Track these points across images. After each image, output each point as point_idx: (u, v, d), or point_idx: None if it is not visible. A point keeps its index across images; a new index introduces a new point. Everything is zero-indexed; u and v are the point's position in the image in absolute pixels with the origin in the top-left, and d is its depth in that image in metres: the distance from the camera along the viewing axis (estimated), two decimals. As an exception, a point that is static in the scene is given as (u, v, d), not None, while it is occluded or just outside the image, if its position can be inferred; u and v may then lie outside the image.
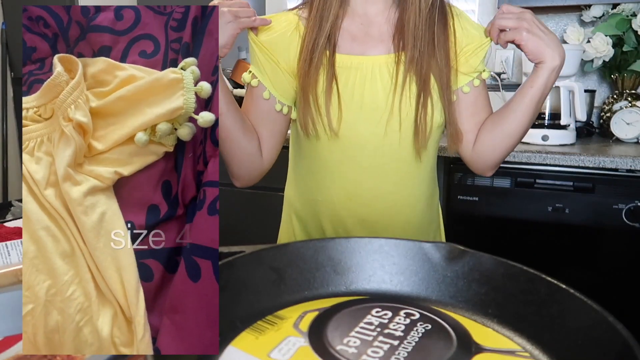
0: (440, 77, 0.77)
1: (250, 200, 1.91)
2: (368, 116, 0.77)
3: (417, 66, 0.75)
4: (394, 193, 0.81)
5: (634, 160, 1.38)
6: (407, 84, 0.76)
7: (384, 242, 0.47)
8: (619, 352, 0.31)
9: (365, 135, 0.78)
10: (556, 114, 1.62)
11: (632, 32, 1.71)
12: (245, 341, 0.36)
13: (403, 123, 0.77)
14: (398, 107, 0.76)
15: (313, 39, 0.76)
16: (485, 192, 1.53)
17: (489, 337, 0.38)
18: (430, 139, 0.79)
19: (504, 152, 0.83)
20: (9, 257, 0.52)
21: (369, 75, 0.77)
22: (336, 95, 0.76)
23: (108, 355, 0.46)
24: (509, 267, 0.42)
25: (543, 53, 0.74)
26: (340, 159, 0.79)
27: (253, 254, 0.43)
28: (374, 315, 0.40)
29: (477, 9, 2.06)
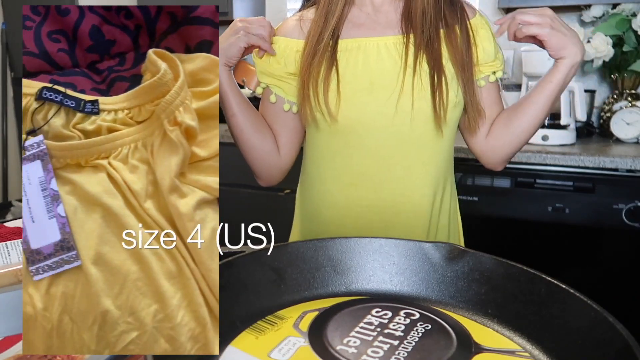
0: (455, 56, 0.77)
1: (250, 200, 1.91)
2: (375, 96, 0.76)
3: (428, 48, 0.76)
4: (403, 178, 0.80)
5: (634, 160, 1.38)
6: (419, 63, 0.76)
7: (384, 242, 0.47)
8: (619, 352, 0.31)
9: (371, 115, 0.76)
10: (556, 114, 1.62)
11: (632, 32, 1.71)
12: (245, 341, 0.36)
13: (416, 103, 0.75)
14: (410, 85, 0.75)
15: (318, 32, 0.77)
16: (485, 192, 1.53)
17: (489, 337, 0.38)
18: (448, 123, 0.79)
19: (517, 146, 0.84)
20: (9, 257, 0.52)
21: (374, 54, 0.77)
22: (335, 79, 0.76)
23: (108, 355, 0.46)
24: (509, 267, 0.42)
25: (565, 48, 0.75)
26: (344, 143, 0.79)
27: (253, 254, 0.43)
28: (374, 315, 0.40)
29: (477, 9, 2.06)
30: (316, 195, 0.84)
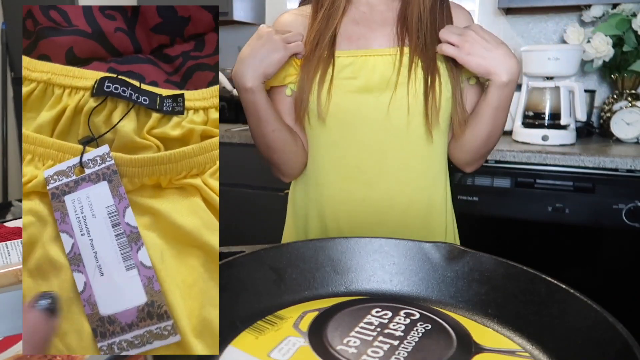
0: (447, 62, 0.78)
1: (250, 200, 1.91)
2: (368, 95, 0.78)
3: (423, 51, 0.77)
4: (398, 173, 0.81)
5: (634, 160, 1.38)
6: (414, 64, 0.77)
7: (384, 242, 0.47)
8: (619, 352, 0.31)
9: (365, 113, 0.78)
10: (556, 114, 1.62)
11: (632, 32, 1.71)
12: (245, 341, 0.36)
13: (412, 100, 0.77)
14: (405, 82, 0.77)
15: (320, 32, 0.78)
16: (485, 192, 1.53)
17: (489, 337, 0.38)
18: (441, 120, 0.79)
19: (475, 153, 0.85)
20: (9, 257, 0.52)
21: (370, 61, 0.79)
22: (330, 74, 0.77)
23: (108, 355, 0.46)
24: (509, 267, 0.42)
25: (489, 72, 0.73)
26: (339, 137, 0.80)
27: (253, 254, 0.43)
28: (374, 315, 0.40)
29: (477, 9, 2.05)
30: (312, 188, 0.85)
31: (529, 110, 1.67)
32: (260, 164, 1.88)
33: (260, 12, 2.39)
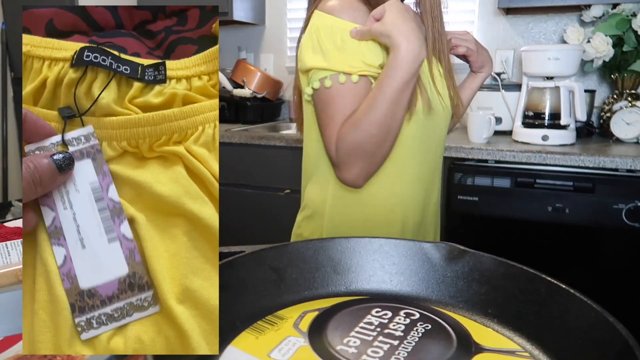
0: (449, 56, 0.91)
1: (250, 200, 1.91)
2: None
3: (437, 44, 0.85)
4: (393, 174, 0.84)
5: (634, 160, 1.38)
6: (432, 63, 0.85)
7: (384, 242, 0.47)
8: (619, 352, 0.31)
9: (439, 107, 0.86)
10: (556, 114, 1.62)
11: (632, 32, 1.71)
12: (245, 341, 0.36)
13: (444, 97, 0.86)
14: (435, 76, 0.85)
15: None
16: (485, 192, 1.53)
17: (489, 337, 0.38)
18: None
19: None
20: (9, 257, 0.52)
21: None
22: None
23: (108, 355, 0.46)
24: (509, 267, 0.42)
25: (484, 66, 0.99)
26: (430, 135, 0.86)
27: (253, 254, 0.43)
28: (374, 315, 0.40)
29: (477, 9, 2.05)
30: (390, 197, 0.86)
31: (529, 110, 1.67)
32: (260, 164, 1.88)
33: (260, 12, 2.39)
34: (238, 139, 1.88)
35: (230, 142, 1.89)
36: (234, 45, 2.48)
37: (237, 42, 2.47)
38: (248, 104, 2.13)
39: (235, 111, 2.17)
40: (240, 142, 1.88)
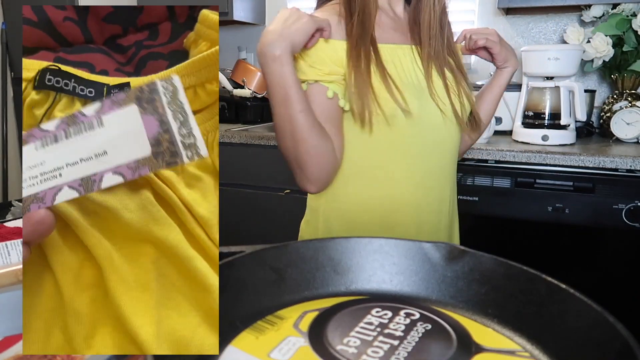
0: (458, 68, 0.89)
1: (251, 200, 1.91)
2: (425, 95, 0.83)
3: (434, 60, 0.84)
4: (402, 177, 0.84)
5: (634, 160, 1.38)
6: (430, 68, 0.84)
7: (384, 242, 0.47)
8: (619, 352, 0.31)
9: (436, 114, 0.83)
10: (556, 114, 1.62)
11: (632, 32, 1.71)
12: (245, 341, 0.36)
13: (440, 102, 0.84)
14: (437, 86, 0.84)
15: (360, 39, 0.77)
16: (485, 192, 1.53)
17: (489, 337, 0.38)
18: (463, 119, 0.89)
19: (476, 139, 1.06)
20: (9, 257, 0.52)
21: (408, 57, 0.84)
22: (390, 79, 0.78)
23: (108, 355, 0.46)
24: (509, 267, 0.42)
25: (508, 60, 0.95)
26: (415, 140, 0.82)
27: (253, 254, 0.43)
28: (374, 315, 0.40)
29: (477, 9, 2.05)
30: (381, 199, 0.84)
31: (529, 110, 1.67)
32: (260, 164, 1.88)
33: (260, 12, 2.38)
34: (238, 139, 1.88)
35: (230, 142, 1.89)
36: (234, 45, 2.48)
37: (237, 42, 2.47)
38: (248, 104, 2.13)
39: (235, 111, 2.17)
40: (240, 142, 1.88)
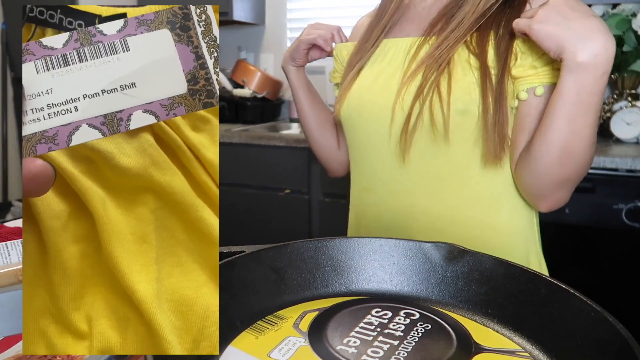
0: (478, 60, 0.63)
1: (250, 200, 1.91)
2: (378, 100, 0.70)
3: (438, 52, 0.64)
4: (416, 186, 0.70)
5: (634, 160, 1.38)
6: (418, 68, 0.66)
7: (384, 242, 0.47)
8: (619, 352, 0.31)
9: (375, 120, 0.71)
10: (556, 114, 1.62)
11: (632, 32, 1.71)
12: (245, 341, 0.36)
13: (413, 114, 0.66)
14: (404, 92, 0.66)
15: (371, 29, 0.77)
16: (485, 192, 1.52)
17: (489, 337, 0.38)
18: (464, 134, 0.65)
19: (545, 176, 0.62)
20: (9, 257, 0.52)
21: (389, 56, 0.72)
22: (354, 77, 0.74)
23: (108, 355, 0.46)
24: (509, 267, 0.42)
25: (559, 46, 0.53)
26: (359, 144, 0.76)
27: (253, 254, 0.43)
28: (374, 315, 0.40)
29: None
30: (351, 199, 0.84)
31: (529, 110, 1.67)
32: (260, 164, 1.88)
33: (260, 12, 2.38)
34: (238, 139, 1.88)
35: (230, 142, 1.89)
36: (234, 45, 2.48)
37: (237, 42, 2.47)
38: (248, 104, 2.13)
39: (235, 111, 2.18)
40: (240, 142, 1.88)
